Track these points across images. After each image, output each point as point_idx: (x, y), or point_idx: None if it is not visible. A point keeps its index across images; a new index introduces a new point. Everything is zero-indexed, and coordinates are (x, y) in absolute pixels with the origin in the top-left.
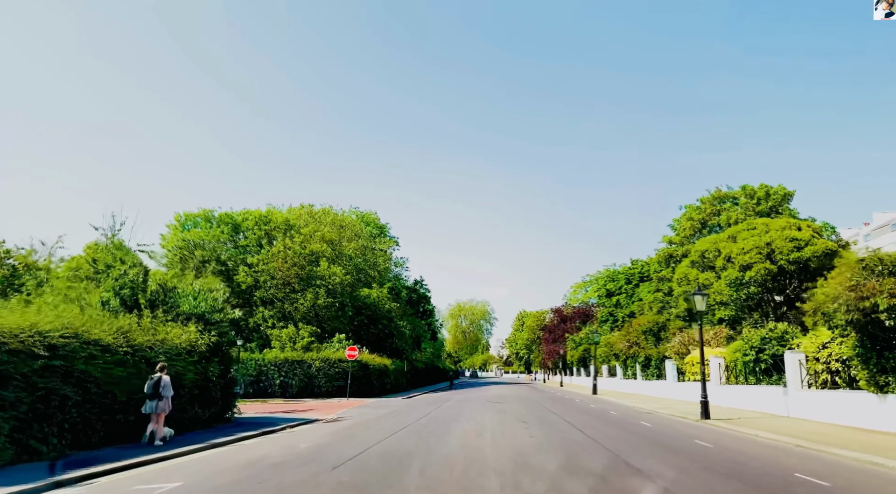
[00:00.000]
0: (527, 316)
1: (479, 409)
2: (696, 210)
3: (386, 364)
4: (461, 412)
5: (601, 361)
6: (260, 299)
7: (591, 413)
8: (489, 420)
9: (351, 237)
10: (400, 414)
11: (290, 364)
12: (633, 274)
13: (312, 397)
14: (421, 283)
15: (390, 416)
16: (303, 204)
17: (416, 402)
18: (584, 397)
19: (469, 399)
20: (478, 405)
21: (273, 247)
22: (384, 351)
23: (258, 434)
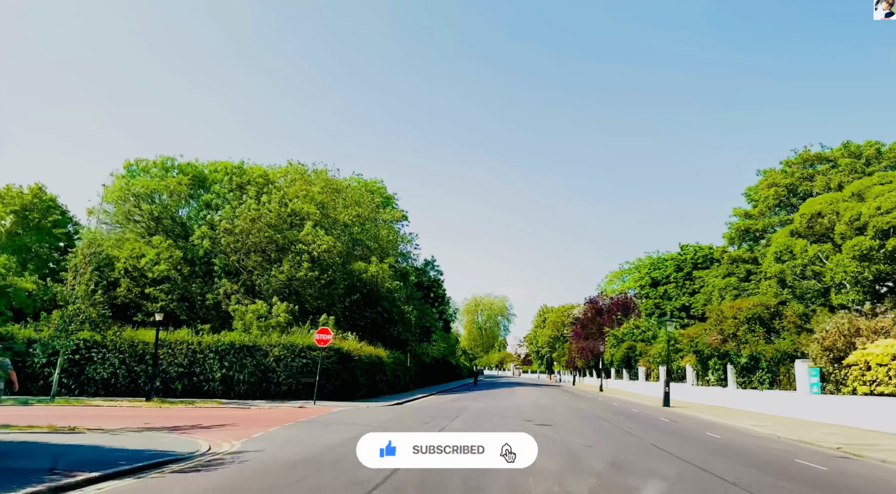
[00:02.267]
0: (549, 312)
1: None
2: (780, 174)
3: (380, 356)
4: None
5: (656, 362)
6: (222, 268)
7: (770, 467)
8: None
9: (349, 204)
10: (351, 455)
11: (236, 352)
12: (685, 260)
13: (268, 397)
14: (432, 264)
15: (325, 463)
16: (291, 161)
17: (409, 414)
18: (668, 413)
19: (492, 411)
20: (512, 429)
21: (243, 203)
22: (383, 341)
23: None
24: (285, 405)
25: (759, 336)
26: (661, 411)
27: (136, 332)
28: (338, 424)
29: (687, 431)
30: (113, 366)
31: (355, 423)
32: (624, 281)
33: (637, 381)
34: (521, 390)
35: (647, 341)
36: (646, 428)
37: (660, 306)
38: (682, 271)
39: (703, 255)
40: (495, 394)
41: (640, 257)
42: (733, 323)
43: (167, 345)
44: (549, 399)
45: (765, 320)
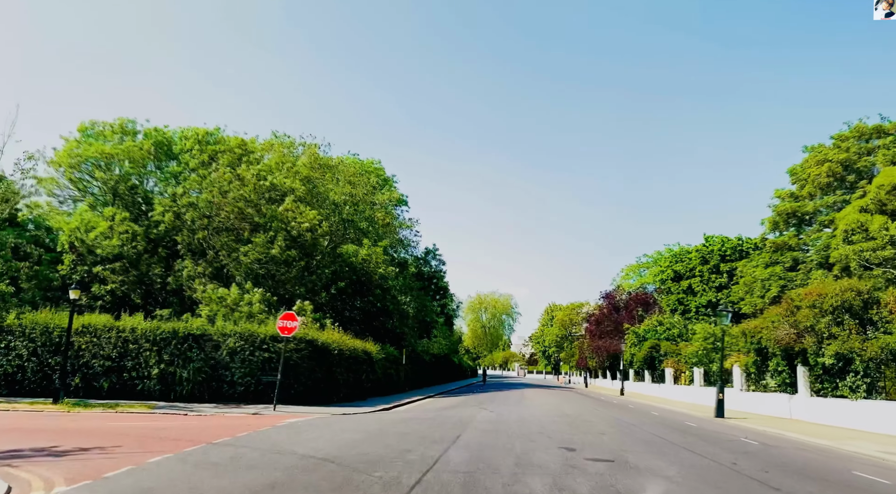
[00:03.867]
0: (557, 309)
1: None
2: (833, 150)
3: (368, 351)
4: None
5: (690, 362)
6: (186, 246)
7: None
8: None
9: (341, 182)
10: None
11: (179, 342)
12: (711, 252)
13: (220, 400)
14: (434, 252)
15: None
16: (276, 133)
17: (387, 432)
18: (744, 431)
19: (508, 426)
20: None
21: (212, 173)
22: (375, 335)
23: None
24: (234, 412)
25: (850, 330)
26: (726, 425)
27: (55, 315)
28: (257, 455)
29: (821, 468)
30: (20, 357)
31: (289, 452)
32: (642, 275)
33: (662, 384)
34: (533, 392)
35: (672, 339)
36: (756, 463)
37: (683, 302)
38: (708, 263)
39: (731, 247)
40: (505, 398)
41: (660, 250)
42: (810, 314)
43: (90, 332)
44: (574, 406)
45: (856, 310)
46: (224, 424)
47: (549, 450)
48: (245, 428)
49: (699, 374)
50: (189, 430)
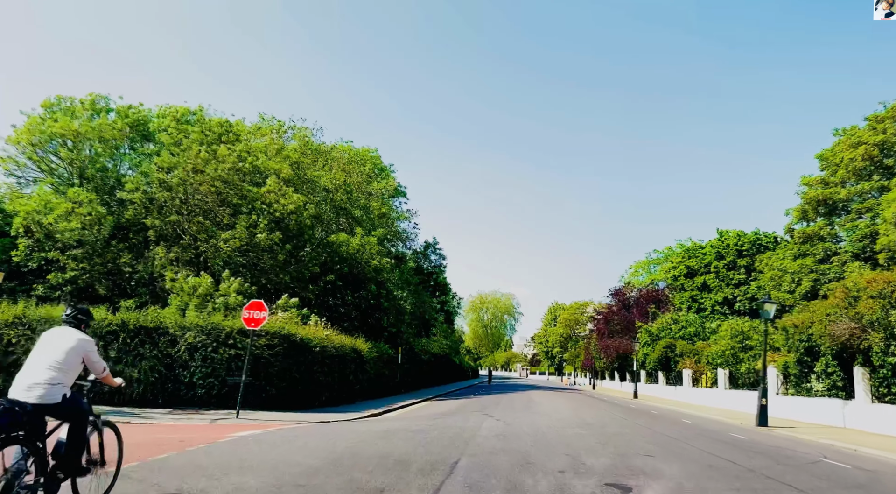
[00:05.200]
0: (561, 309)
1: None
2: (868, 132)
3: (357, 349)
4: None
5: (714, 363)
6: (158, 231)
7: None
8: None
9: (333, 168)
10: None
11: (128, 336)
12: (728, 247)
13: (177, 404)
14: (434, 246)
15: None
16: (263, 115)
17: (359, 457)
18: (808, 446)
19: (521, 445)
20: None
21: (188, 150)
22: (370, 332)
23: None
24: (188, 420)
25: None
26: (781, 438)
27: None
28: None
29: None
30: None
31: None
32: (653, 272)
33: (679, 387)
34: (540, 395)
35: (688, 338)
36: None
37: (697, 299)
38: (724, 259)
39: (748, 241)
40: (511, 402)
41: (671, 246)
42: (876, 306)
43: (23, 324)
44: (592, 413)
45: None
46: (160, 437)
47: (596, 490)
48: (177, 445)
49: (724, 376)
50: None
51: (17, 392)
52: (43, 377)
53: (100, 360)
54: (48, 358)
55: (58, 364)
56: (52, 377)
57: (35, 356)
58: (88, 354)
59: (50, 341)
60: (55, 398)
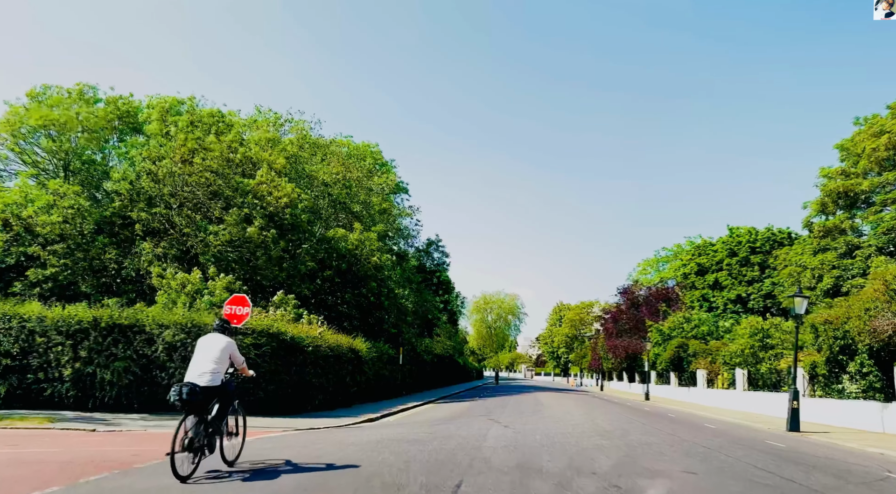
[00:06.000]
0: (566, 309)
1: None
2: (892, 120)
3: (355, 349)
4: None
5: (733, 362)
6: (145, 224)
7: None
8: None
9: (331, 162)
10: None
11: (100, 334)
12: (740, 244)
13: (154, 409)
14: (436, 244)
15: None
16: (260, 107)
17: (320, 485)
18: (868, 459)
19: (537, 458)
20: None
21: (174, 140)
22: (369, 332)
23: None
24: (160, 428)
25: None
26: (822, 446)
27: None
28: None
29: None
30: None
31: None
32: (661, 270)
33: (693, 388)
34: (547, 397)
35: (701, 337)
36: None
37: (708, 297)
38: (736, 256)
39: (762, 237)
40: (518, 404)
41: (681, 243)
42: None
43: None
44: (607, 417)
45: None
46: (113, 451)
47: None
48: (126, 460)
49: (742, 376)
50: (48, 464)
51: (191, 378)
52: (207, 368)
53: (240, 356)
54: (209, 355)
55: (215, 359)
56: (213, 368)
57: (199, 353)
58: (233, 352)
59: (208, 343)
60: (216, 382)
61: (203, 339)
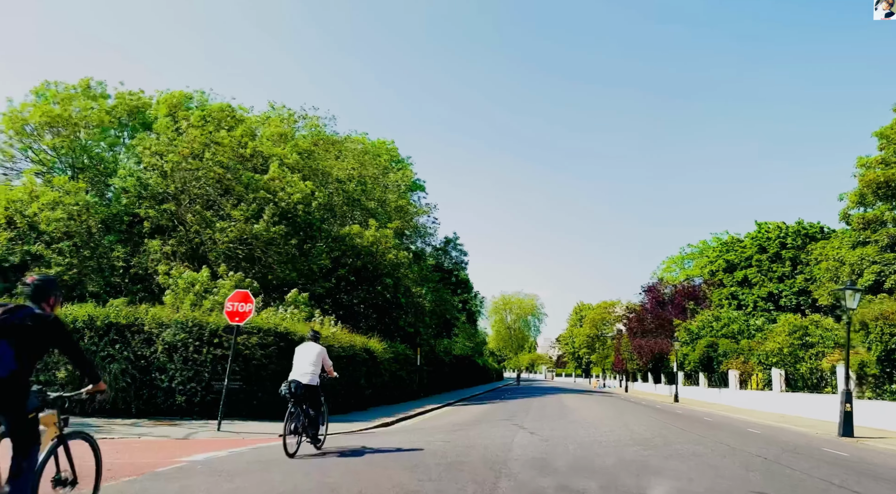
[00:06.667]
0: (587, 309)
1: None
2: None
3: (369, 349)
4: None
5: (769, 362)
6: (152, 222)
7: None
8: None
9: (346, 158)
10: None
11: (96, 334)
12: (770, 240)
13: (155, 413)
14: (454, 242)
15: None
16: (273, 103)
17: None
18: None
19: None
20: None
21: (183, 134)
22: (386, 332)
23: None
24: (156, 434)
25: None
26: (891, 455)
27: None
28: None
29: None
30: None
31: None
32: (687, 267)
33: (724, 389)
34: (572, 399)
35: (731, 336)
36: None
37: (737, 295)
38: (766, 252)
39: (793, 232)
40: (542, 407)
41: (706, 240)
42: None
43: None
44: (640, 421)
45: None
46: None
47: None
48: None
49: (779, 377)
50: None
51: (296, 377)
52: (308, 370)
53: (329, 361)
54: (308, 360)
55: (312, 363)
56: (311, 370)
57: (299, 358)
58: (325, 357)
59: (305, 350)
60: (314, 382)
61: (301, 347)
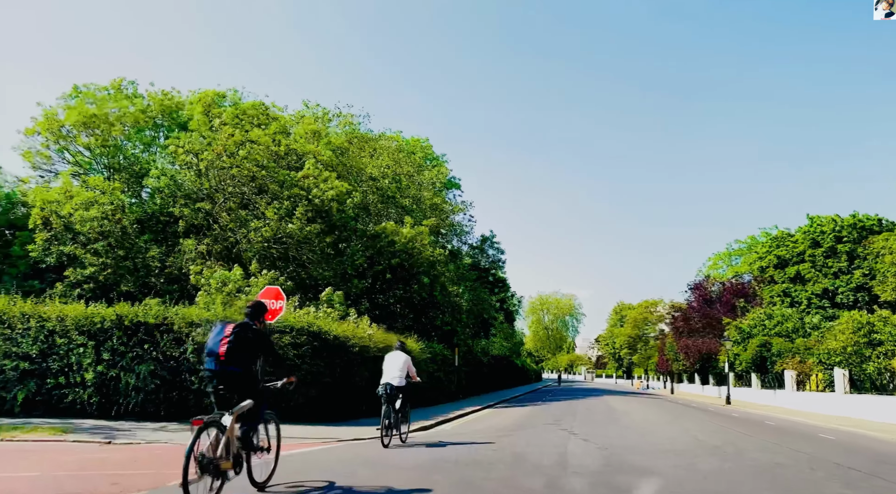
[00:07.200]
0: (628, 309)
1: None
2: None
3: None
4: None
5: (832, 361)
6: (186, 221)
7: None
8: None
9: (380, 155)
10: None
11: (125, 334)
12: (824, 234)
13: (183, 416)
14: (491, 240)
15: None
16: (308, 102)
17: None
18: None
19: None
20: None
21: (218, 132)
22: (422, 332)
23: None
24: (177, 443)
25: None
26: None
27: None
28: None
29: None
30: None
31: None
32: (734, 264)
33: (779, 390)
34: (618, 401)
35: (785, 335)
36: None
37: (790, 292)
38: (820, 246)
39: (848, 225)
40: (589, 410)
41: (755, 235)
42: None
43: (2, 321)
44: (702, 427)
45: None
46: (108, 474)
47: None
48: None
49: (842, 377)
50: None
51: (388, 380)
52: (397, 375)
53: (413, 368)
54: (397, 366)
55: (400, 368)
56: (400, 375)
57: (389, 364)
58: (410, 365)
59: (394, 357)
60: (403, 384)
61: (390, 355)
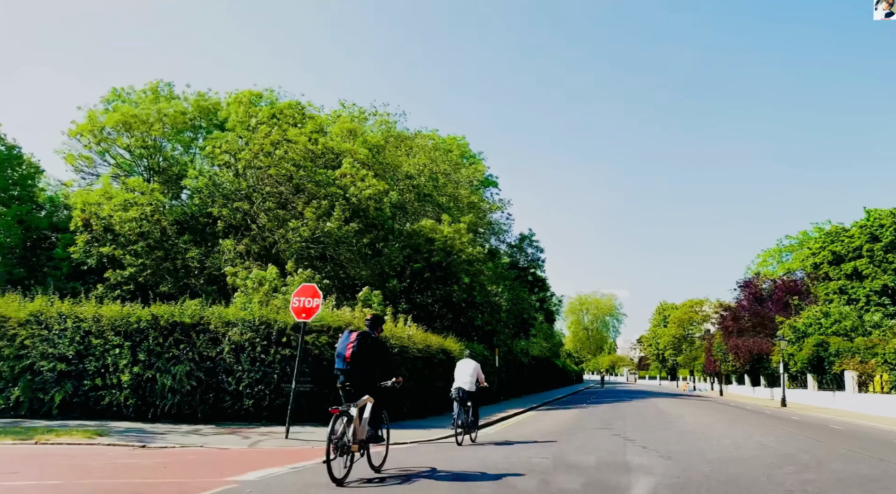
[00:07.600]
0: (671, 308)
1: None
2: None
3: (446, 350)
4: None
5: (890, 361)
6: (225, 222)
7: None
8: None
9: (416, 153)
10: None
11: (160, 334)
12: (883, 228)
13: (220, 418)
14: (530, 239)
15: None
16: (344, 102)
17: None
18: None
19: None
20: None
21: (255, 131)
22: (461, 332)
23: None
24: (213, 446)
25: None
26: None
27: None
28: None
29: None
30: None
31: None
32: (786, 260)
33: (839, 392)
34: (667, 404)
35: (843, 334)
36: None
37: (846, 289)
38: (879, 241)
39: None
40: (639, 414)
41: (807, 230)
42: None
43: (39, 322)
44: (768, 433)
45: None
46: (132, 483)
47: None
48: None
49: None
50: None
51: (460, 384)
52: (468, 379)
53: (482, 374)
54: (467, 371)
55: (470, 374)
56: (470, 380)
57: (461, 370)
58: (479, 371)
59: (465, 364)
60: (473, 388)
61: (461, 362)
